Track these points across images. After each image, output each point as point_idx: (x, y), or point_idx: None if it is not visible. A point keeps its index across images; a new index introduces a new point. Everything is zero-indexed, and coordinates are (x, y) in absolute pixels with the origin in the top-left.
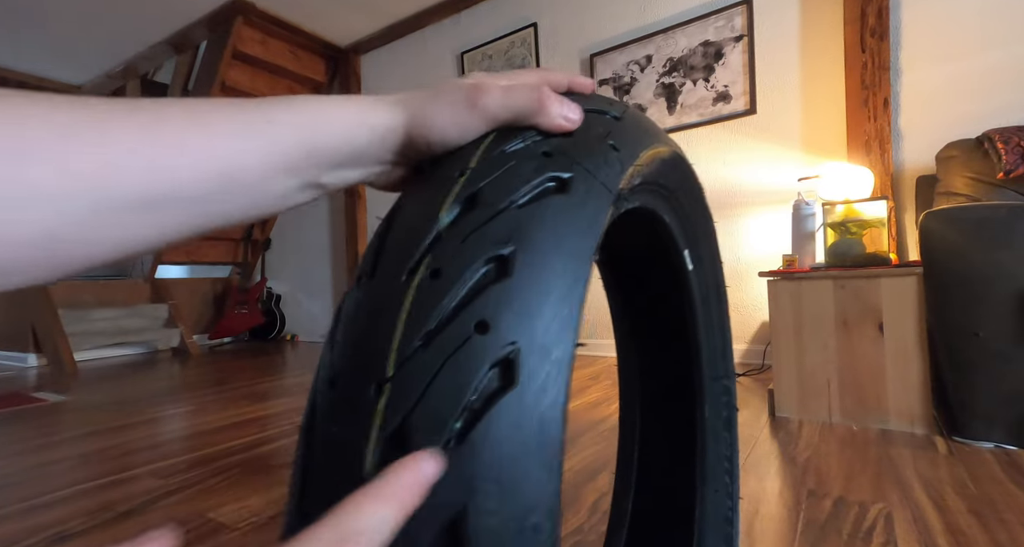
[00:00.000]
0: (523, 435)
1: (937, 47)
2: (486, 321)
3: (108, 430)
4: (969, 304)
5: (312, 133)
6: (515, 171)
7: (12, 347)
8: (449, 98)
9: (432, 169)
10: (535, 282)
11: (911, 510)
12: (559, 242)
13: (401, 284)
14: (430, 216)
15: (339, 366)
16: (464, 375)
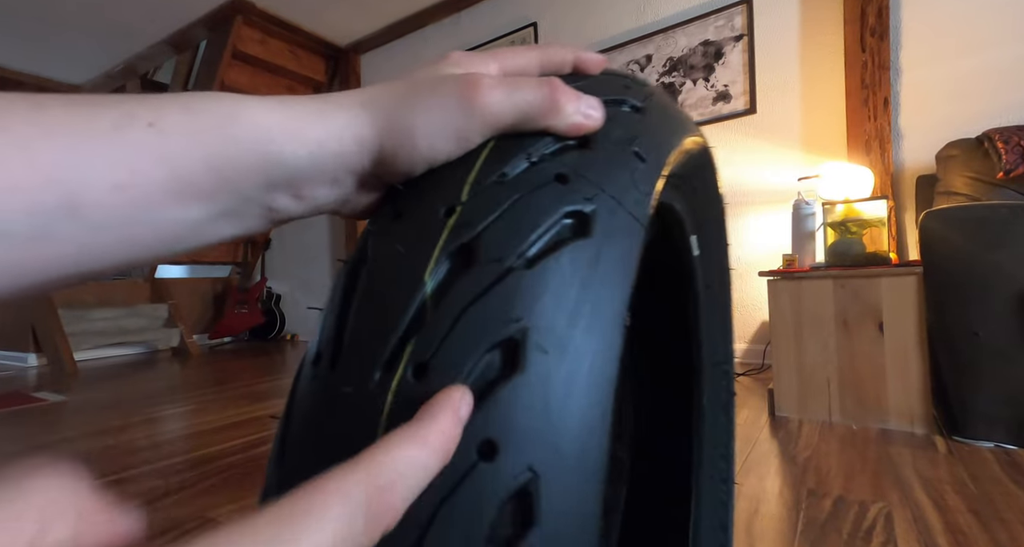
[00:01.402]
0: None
1: (937, 47)
2: (493, 441)
3: (108, 430)
4: (969, 304)
5: (220, 146)
6: (522, 208)
7: (12, 347)
8: (437, 98)
9: (408, 199)
10: (553, 377)
11: (911, 509)
12: (583, 312)
13: (373, 388)
14: (410, 280)
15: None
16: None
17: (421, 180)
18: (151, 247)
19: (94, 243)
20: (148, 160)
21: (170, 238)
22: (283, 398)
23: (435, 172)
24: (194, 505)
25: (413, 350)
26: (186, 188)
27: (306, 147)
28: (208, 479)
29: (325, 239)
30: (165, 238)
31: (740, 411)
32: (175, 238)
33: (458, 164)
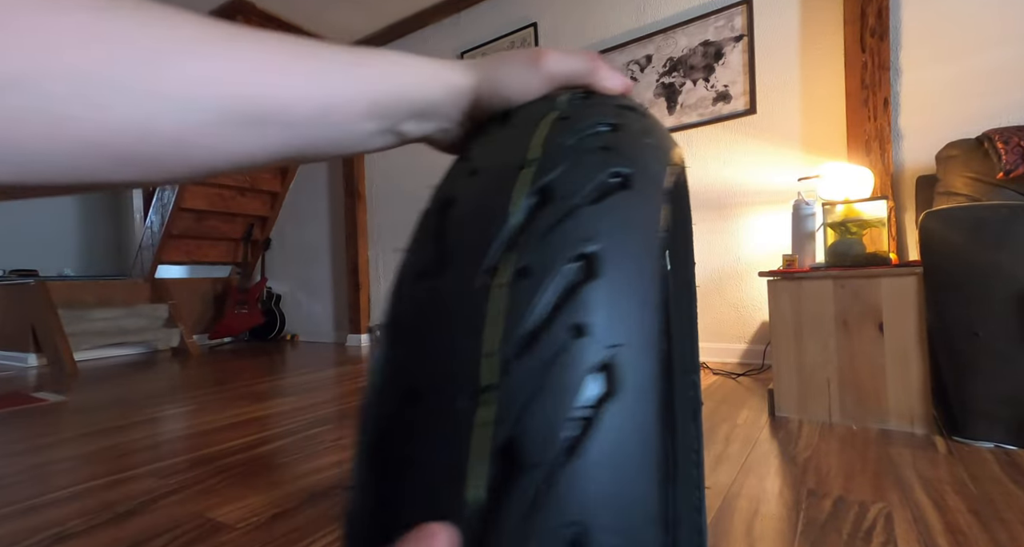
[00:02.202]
0: (630, 442)
1: (937, 47)
2: (582, 324)
3: (108, 430)
4: (969, 304)
5: (396, 81)
6: (583, 164)
7: (12, 347)
8: (514, 61)
9: (483, 152)
10: (624, 282)
11: (911, 510)
12: (637, 240)
13: (483, 284)
14: (500, 208)
15: (419, 377)
16: (569, 381)
17: (492, 138)
18: (347, 147)
19: (325, 138)
20: (359, 89)
21: (352, 143)
22: (283, 398)
23: (502, 130)
24: (194, 505)
25: (516, 258)
26: (371, 110)
27: (442, 87)
28: (208, 479)
29: (325, 239)
30: (350, 143)
31: (740, 411)
32: (353, 144)
33: (521, 132)
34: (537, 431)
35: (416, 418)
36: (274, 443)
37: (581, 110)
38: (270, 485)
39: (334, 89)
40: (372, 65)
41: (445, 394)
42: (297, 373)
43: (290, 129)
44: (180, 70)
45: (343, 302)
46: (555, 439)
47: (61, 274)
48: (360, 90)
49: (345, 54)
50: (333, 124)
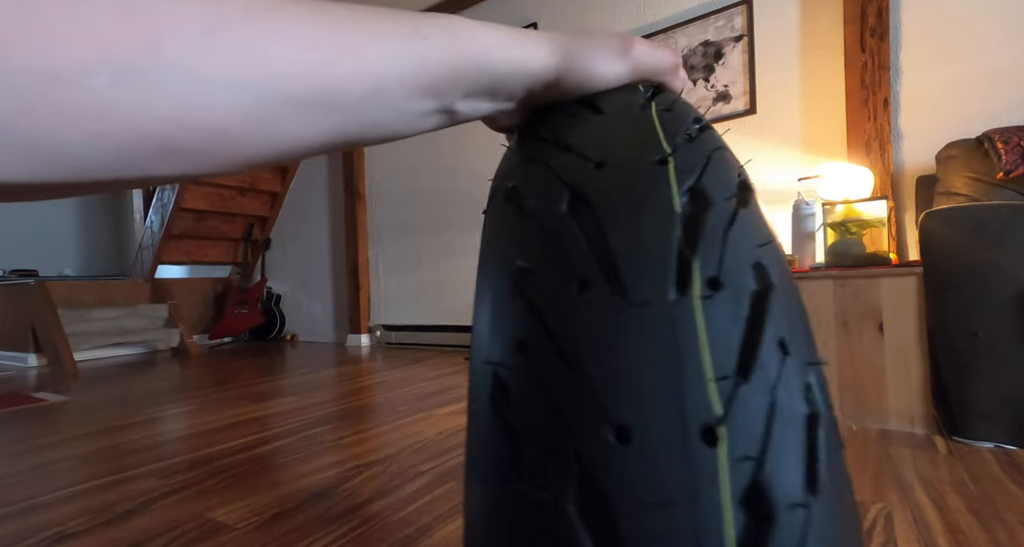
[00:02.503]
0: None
1: (937, 47)
2: (784, 340)
3: (108, 430)
4: (969, 304)
5: (460, 56)
6: (719, 163)
7: (12, 347)
8: (605, 46)
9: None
10: (788, 290)
11: (911, 510)
12: (778, 243)
13: (676, 299)
14: (663, 210)
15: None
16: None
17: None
18: (393, 130)
19: (376, 120)
20: (418, 64)
21: (404, 125)
22: (283, 398)
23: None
24: (194, 505)
25: (701, 268)
26: (427, 86)
27: (508, 63)
28: (208, 479)
29: (325, 239)
30: (402, 125)
31: None
32: (405, 125)
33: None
34: (780, 469)
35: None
36: (274, 443)
37: (675, 103)
38: (270, 485)
39: (390, 64)
40: (430, 33)
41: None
42: (297, 373)
43: (341, 111)
44: (227, 50)
45: (343, 302)
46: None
47: (61, 274)
48: (418, 65)
49: (404, 23)
50: (386, 104)
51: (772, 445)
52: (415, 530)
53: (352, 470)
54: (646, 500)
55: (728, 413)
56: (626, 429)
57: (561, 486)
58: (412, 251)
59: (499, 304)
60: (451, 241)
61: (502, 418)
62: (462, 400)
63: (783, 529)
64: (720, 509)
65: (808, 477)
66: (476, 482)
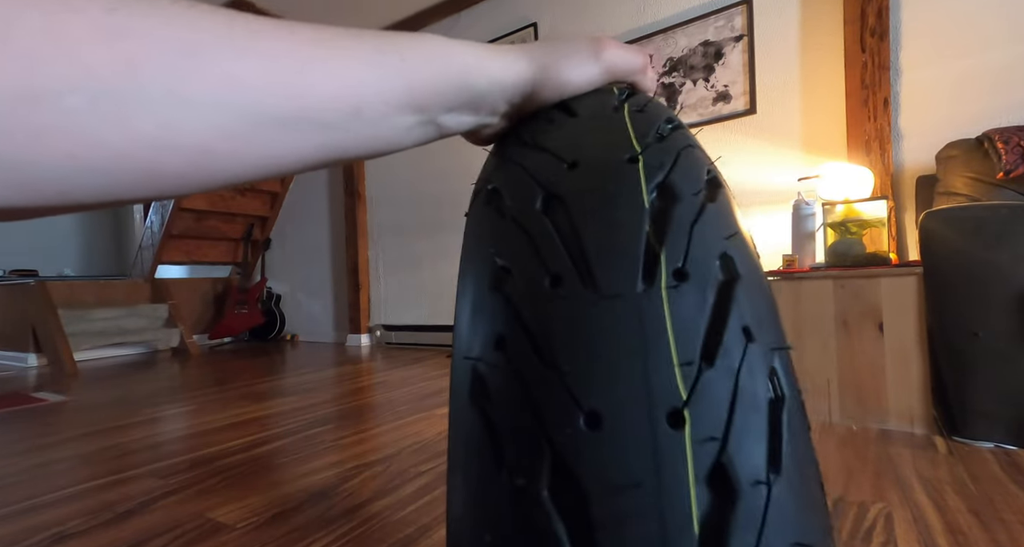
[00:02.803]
0: (804, 449)
1: (937, 47)
2: (748, 327)
3: (108, 430)
4: (969, 304)
5: (439, 73)
6: (688, 160)
7: (12, 347)
8: (576, 51)
9: (567, 145)
10: (755, 280)
11: (911, 510)
12: (745, 236)
13: (644, 290)
14: (631, 205)
15: (598, 397)
16: (757, 392)
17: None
18: (379, 145)
19: (359, 136)
20: (397, 81)
21: (388, 139)
22: (283, 398)
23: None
24: (194, 505)
25: (667, 259)
26: (410, 103)
27: (486, 78)
28: (208, 479)
29: (325, 239)
30: (387, 139)
31: None
32: (389, 141)
33: (602, 123)
34: (743, 450)
35: (601, 444)
36: (274, 443)
37: (647, 105)
38: (270, 485)
39: (370, 82)
40: (410, 52)
41: (635, 415)
42: (297, 373)
43: (323, 129)
44: (207, 71)
45: (343, 302)
46: (761, 458)
47: (61, 274)
48: (396, 82)
49: (382, 41)
50: (368, 120)
51: (735, 426)
52: (415, 530)
53: (352, 470)
54: (615, 483)
55: (692, 397)
56: (596, 416)
57: (536, 474)
58: (412, 251)
59: (479, 301)
60: (451, 241)
61: (481, 412)
62: None
63: (745, 506)
64: (685, 488)
65: (771, 457)
66: (457, 473)
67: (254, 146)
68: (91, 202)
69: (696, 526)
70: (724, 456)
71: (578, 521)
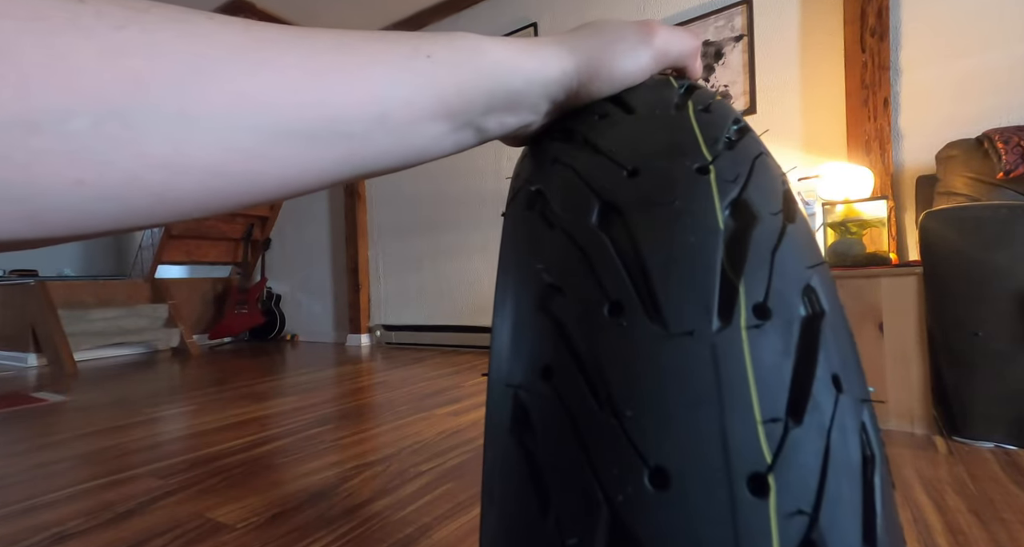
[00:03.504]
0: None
1: (937, 47)
2: (838, 375)
3: (108, 430)
4: (969, 304)
5: (470, 73)
6: (763, 172)
7: (12, 347)
8: (622, 38)
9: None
10: (838, 316)
11: (911, 510)
12: (826, 264)
13: (720, 329)
14: (705, 225)
15: (666, 452)
16: (851, 455)
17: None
18: (410, 155)
19: (386, 146)
20: (425, 85)
21: (419, 148)
22: (283, 398)
23: (643, 129)
24: (194, 505)
25: (746, 294)
26: (440, 108)
27: (523, 76)
28: (208, 479)
29: (325, 239)
30: (419, 148)
31: None
32: (420, 149)
33: (663, 123)
34: (837, 526)
35: (670, 508)
36: (274, 443)
37: (712, 102)
38: (270, 485)
39: (391, 87)
40: (436, 53)
41: (709, 477)
42: (297, 373)
43: (345, 141)
44: (220, 87)
45: (343, 302)
46: (856, 534)
47: (61, 274)
48: (422, 85)
49: (407, 43)
50: (395, 129)
51: (827, 497)
52: (415, 530)
53: (352, 470)
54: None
55: (778, 460)
56: (664, 474)
57: (590, 532)
58: (412, 251)
59: (522, 320)
60: (451, 241)
61: (523, 447)
62: (462, 400)
63: None
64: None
65: (865, 531)
66: (493, 512)
67: (272, 164)
68: (103, 230)
69: None
70: (815, 532)
71: None
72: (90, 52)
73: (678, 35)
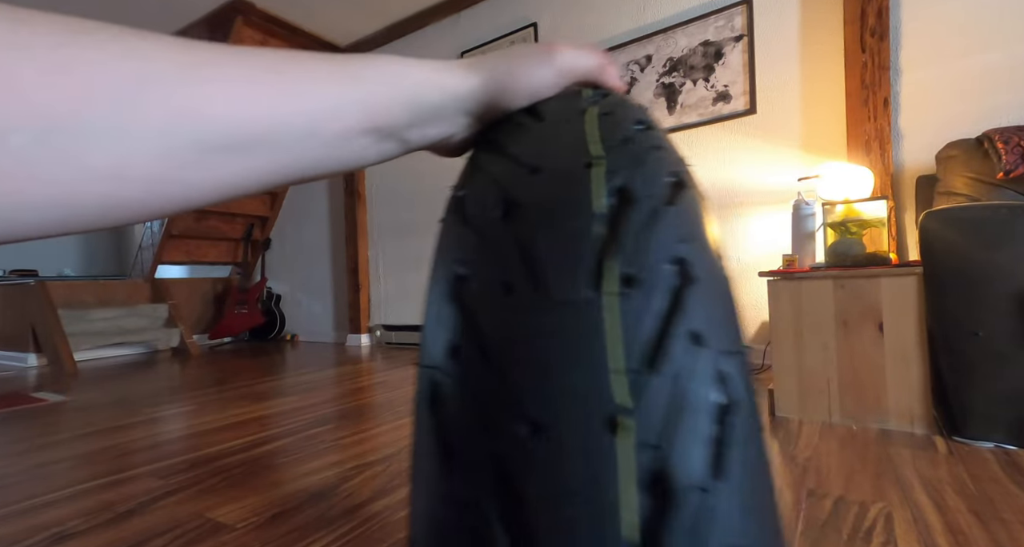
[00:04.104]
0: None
1: (937, 47)
2: (697, 332)
3: (108, 430)
4: (969, 304)
5: (391, 89)
6: (646, 164)
7: (12, 347)
8: (525, 57)
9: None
10: (713, 284)
11: (911, 510)
12: (708, 239)
13: (592, 296)
14: (584, 211)
15: (538, 406)
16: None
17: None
18: (340, 164)
19: (318, 157)
20: (353, 101)
21: (348, 158)
22: (283, 398)
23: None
24: (194, 505)
25: (617, 266)
26: (368, 122)
27: (440, 92)
28: (208, 479)
29: (325, 239)
30: (345, 158)
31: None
32: (350, 159)
33: (566, 127)
34: (684, 456)
35: (542, 452)
36: (274, 443)
37: (616, 107)
38: (270, 485)
39: (322, 104)
40: (363, 74)
41: (575, 422)
42: (297, 373)
43: (278, 152)
44: (157, 103)
45: (343, 302)
46: (702, 462)
47: (61, 274)
48: (351, 102)
49: (333, 64)
50: (325, 141)
51: (677, 433)
52: None
53: (352, 470)
54: (554, 492)
55: (634, 404)
56: (538, 424)
57: (483, 485)
58: (412, 251)
59: (439, 310)
60: None
61: (436, 420)
62: None
63: (684, 512)
64: (622, 495)
65: (715, 462)
66: (417, 485)
67: (209, 172)
68: (50, 234)
69: (633, 532)
70: (664, 463)
71: (521, 531)
72: (34, 70)
73: (580, 52)
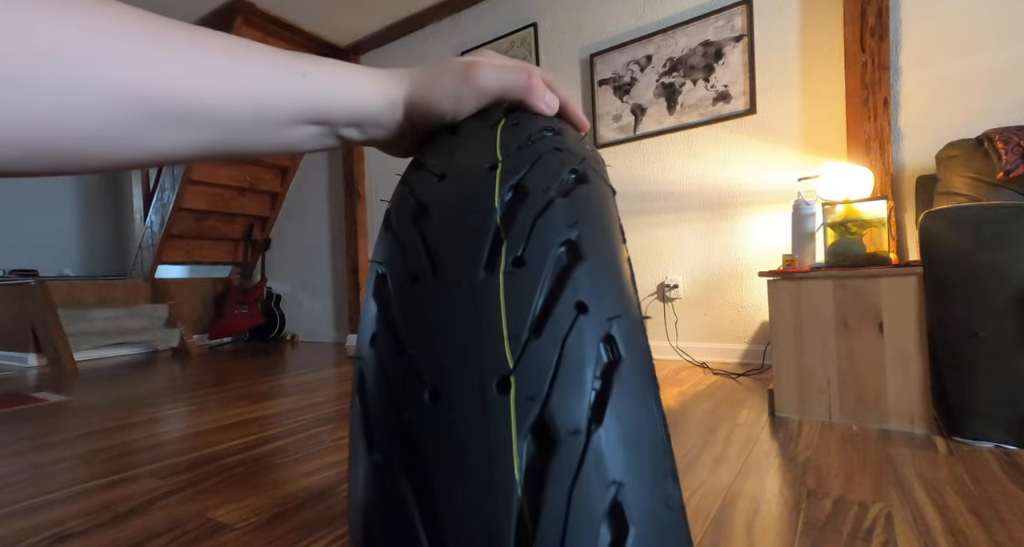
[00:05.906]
0: (639, 403)
1: (937, 47)
2: (583, 302)
3: (108, 430)
4: (969, 304)
5: (334, 91)
6: (546, 162)
7: (12, 347)
8: (448, 73)
9: (442, 160)
10: (604, 262)
11: (911, 510)
12: (604, 224)
13: (483, 278)
14: (483, 207)
15: (437, 375)
16: (583, 355)
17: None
18: (280, 147)
19: (259, 138)
20: (299, 96)
21: (290, 143)
22: (283, 398)
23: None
24: (194, 505)
25: (507, 250)
26: (311, 116)
27: (380, 100)
28: (208, 479)
29: (325, 239)
30: (288, 143)
31: (740, 411)
32: (290, 144)
33: (477, 137)
34: (563, 406)
35: (440, 414)
36: (274, 443)
37: (524, 118)
38: (270, 485)
39: (269, 94)
40: (312, 74)
41: (468, 385)
42: (297, 373)
43: (220, 129)
44: (109, 69)
45: (343, 302)
46: (582, 411)
47: (61, 274)
48: (296, 97)
49: (286, 60)
50: (268, 127)
51: (557, 386)
52: None
53: None
54: (450, 447)
55: (518, 365)
56: (438, 391)
57: (391, 447)
58: None
59: (367, 306)
60: None
61: (360, 402)
62: None
63: (564, 454)
64: (509, 444)
65: (594, 410)
66: (353, 466)
67: (148, 138)
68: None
69: (519, 475)
70: (545, 412)
71: (423, 489)
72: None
73: (502, 73)
